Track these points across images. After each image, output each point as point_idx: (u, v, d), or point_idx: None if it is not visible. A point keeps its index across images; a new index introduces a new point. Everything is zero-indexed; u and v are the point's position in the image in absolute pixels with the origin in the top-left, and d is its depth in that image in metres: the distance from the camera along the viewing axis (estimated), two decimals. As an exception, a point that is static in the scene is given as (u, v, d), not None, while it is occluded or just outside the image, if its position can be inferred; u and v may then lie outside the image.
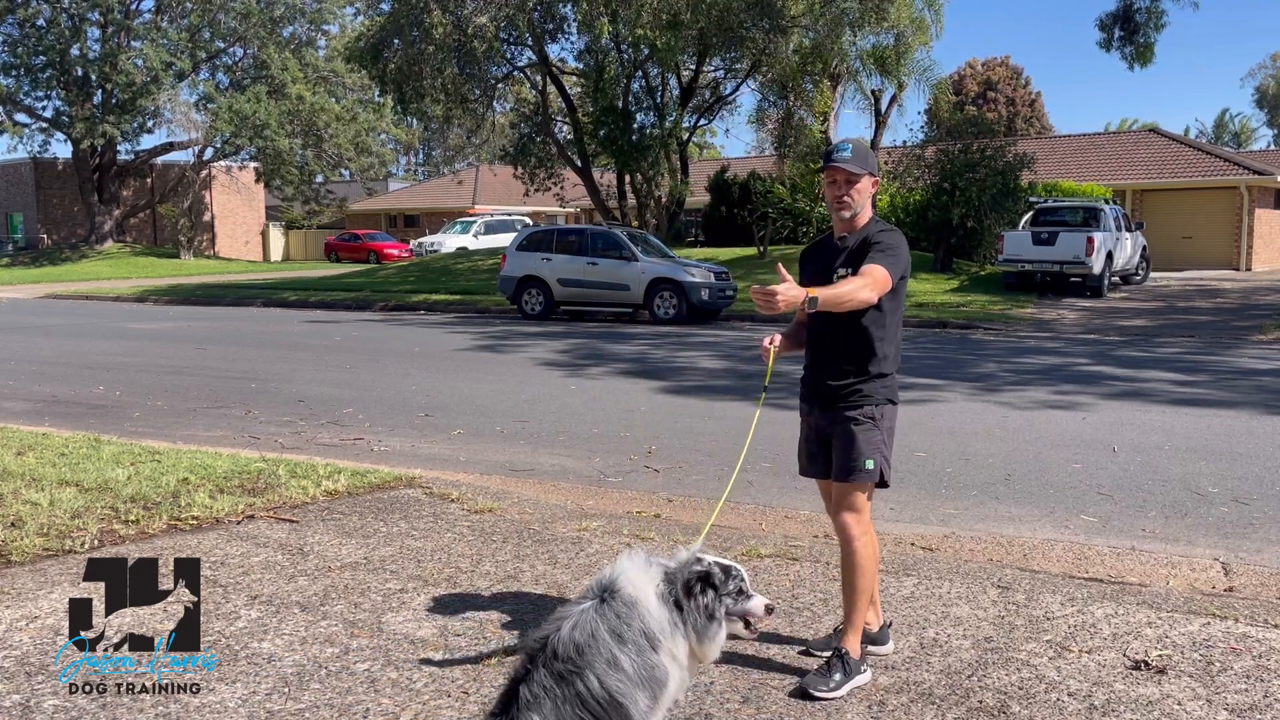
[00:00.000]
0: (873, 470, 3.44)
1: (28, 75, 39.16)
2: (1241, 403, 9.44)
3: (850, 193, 3.50)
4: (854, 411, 3.48)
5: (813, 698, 3.30)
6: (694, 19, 22.55)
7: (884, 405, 3.50)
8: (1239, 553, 5.11)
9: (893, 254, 3.43)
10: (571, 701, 2.48)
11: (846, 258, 3.52)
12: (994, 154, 23.59)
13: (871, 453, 3.45)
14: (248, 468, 6.38)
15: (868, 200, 3.55)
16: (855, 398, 3.48)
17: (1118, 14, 24.44)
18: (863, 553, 3.42)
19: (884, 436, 3.49)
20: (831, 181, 3.51)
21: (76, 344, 15.15)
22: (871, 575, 3.46)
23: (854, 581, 3.43)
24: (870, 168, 3.52)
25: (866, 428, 3.46)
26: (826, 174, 3.52)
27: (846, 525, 3.44)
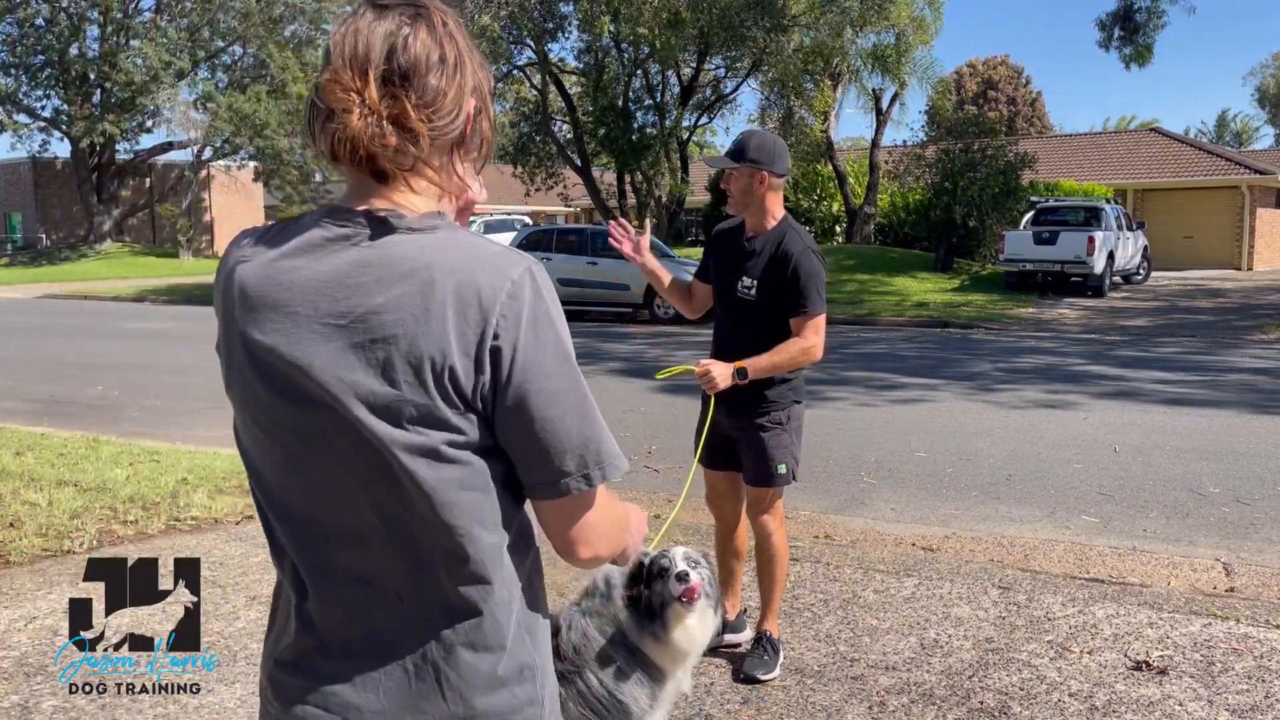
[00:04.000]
0: (785, 474, 3.49)
1: (27, 74, 39.15)
2: (1242, 403, 9.43)
3: (729, 187, 3.41)
4: (761, 419, 3.45)
5: (759, 681, 3.45)
6: (695, 17, 22.55)
7: (790, 407, 3.49)
8: (1240, 553, 5.10)
9: (820, 285, 3.36)
10: (574, 700, 2.50)
11: (755, 267, 3.39)
12: (995, 153, 23.59)
13: (783, 457, 3.48)
14: (247, 468, 6.36)
15: (769, 197, 3.40)
16: (763, 404, 3.44)
17: (1117, 14, 24.45)
18: (779, 546, 3.59)
19: (792, 438, 3.51)
20: (725, 178, 3.44)
21: (75, 344, 15.15)
22: (786, 564, 3.67)
23: (773, 571, 3.61)
24: (767, 161, 3.34)
25: (775, 433, 3.45)
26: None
27: (764, 524, 3.56)
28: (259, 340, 1.21)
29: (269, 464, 1.25)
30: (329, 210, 1.22)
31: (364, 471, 1.17)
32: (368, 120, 1.14)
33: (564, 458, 1.20)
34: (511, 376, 1.17)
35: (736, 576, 3.82)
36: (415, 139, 1.16)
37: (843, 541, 5.18)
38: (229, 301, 1.27)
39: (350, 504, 1.19)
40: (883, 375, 11.17)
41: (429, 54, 1.18)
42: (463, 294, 1.15)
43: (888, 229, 29.06)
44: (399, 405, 1.14)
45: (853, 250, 25.89)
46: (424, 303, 1.14)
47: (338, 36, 1.18)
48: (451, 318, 1.14)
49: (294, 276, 1.19)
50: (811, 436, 7.28)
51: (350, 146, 1.15)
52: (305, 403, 1.17)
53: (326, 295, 1.17)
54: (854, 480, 6.57)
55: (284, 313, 1.19)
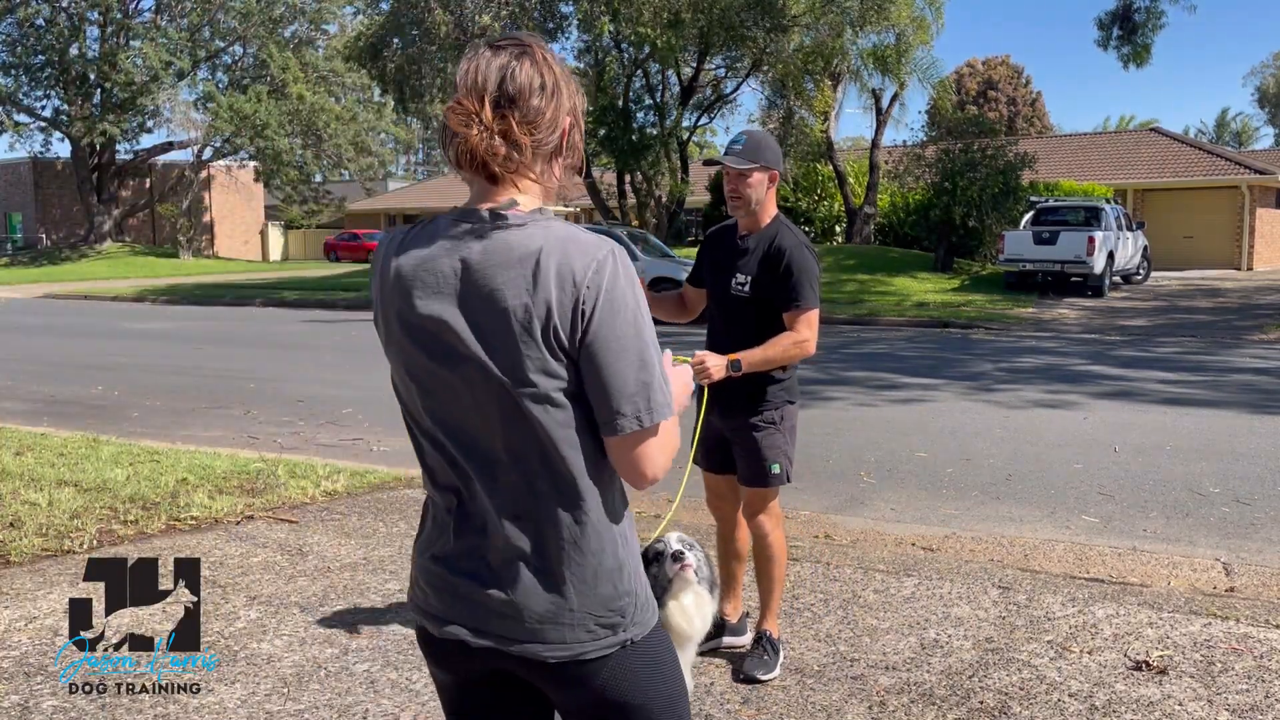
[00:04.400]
0: (779, 474, 3.48)
1: (27, 75, 39.15)
2: (1242, 402, 9.43)
3: (740, 188, 3.37)
4: (754, 418, 3.44)
5: (759, 681, 3.44)
6: (695, 17, 22.56)
7: (784, 407, 3.48)
8: (1240, 553, 5.10)
9: (813, 280, 3.36)
10: None
11: (749, 264, 3.40)
12: (995, 153, 23.58)
13: (777, 457, 3.47)
14: (247, 468, 6.37)
15: (766, 196, 3.42)
16: (756, 404, 3.44)
17: (1116, 13, 24.44)
18: (776, 546, 3.58)
19: (786, 438, 3.50)
20: (726, 176, 3.40)
21: (75, 344, 15.15)
22: (784, 564, 3.65)
23: (771, 571, 3.60)
24: (765, 160, 3.36)
25: (768, 433, 3.44)
26: (723, 169, 3.42)
27: (760, 524, 3.55)
28: (414, 313, 1.54)
29: (423, 408, 1.60)
30: (460, 212, 1.57)
31: (496, 412, 1.51)
32: (483, 135, 1.49)
33: (620, 401, 1.50)
34: (589, 332, 1.48)
35: (738, 578, 3.82)
36: (520, 149, 1.51)
37: (843, 541, 5.18)
38: (387, 284, 1.58)
39: (486, 438, 1.54)
40: (883, 375, 11.17)
41: (531, 81, 1.54)
42: (561, 272, 1.48)
43: (888, 229, 29.07)
44: (522, 360, 1.49)
45: (853, 250, 25.89)
46: (533, 280, 1.48)
47: (462, 70, 1.54)
48: (554, 291, 1.47)
49: (437, 264, 1.53)
50: (811, 436, 7.28)
51: (470, 156, 1.51)
52: (453, 360, 1.52)
53: (460, 278, 1.52)
54: (854, 480, 6.57)
55: (431, 291, 1.53)
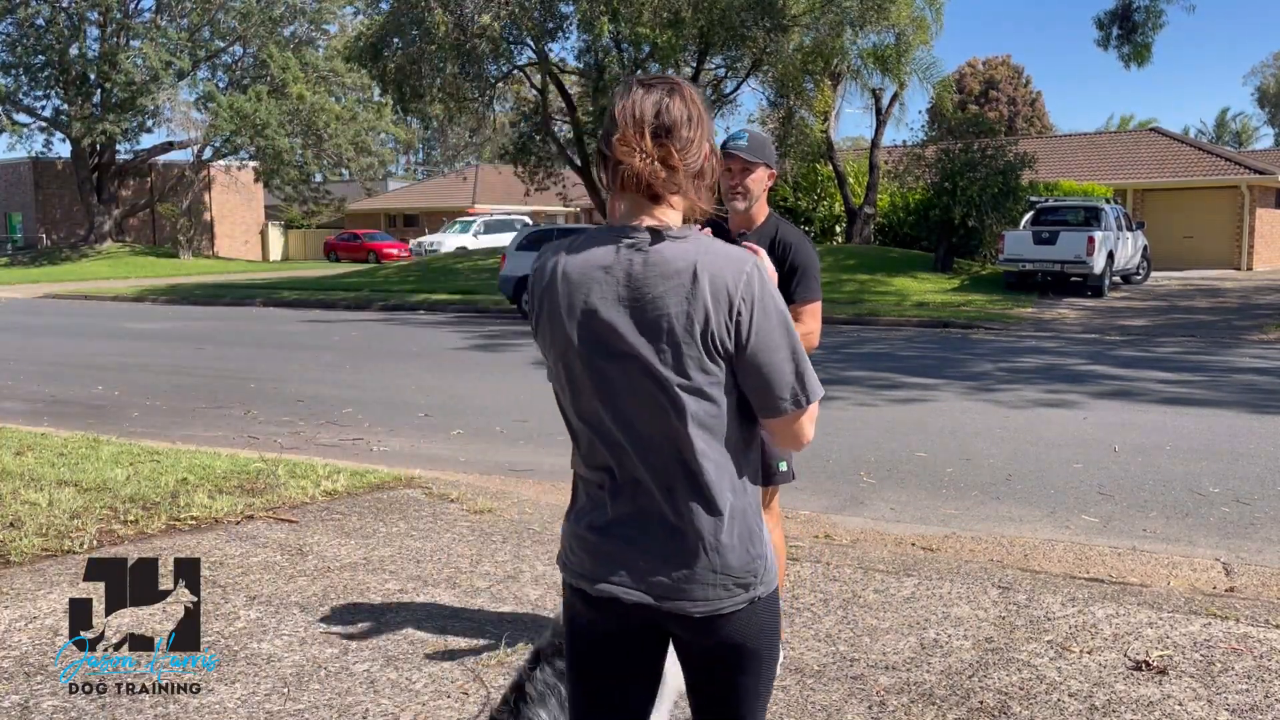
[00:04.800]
0: (786, 472, 3.48)
1: (27, 75, 39.13)
2: (1242, 402, 9.43)
3: (746, 182, 3.40)
4: None
5: None
6: (695, 17, 22.54)
7: None
8: (1240, 553, 5.10)
9: (817, 273, 3.42)
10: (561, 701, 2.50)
11: None
12: (995, 153, 23.57)
13: (784, 454, 3.48)
14: (247, 468, 6.37)
15: (762, 193, 3.47)
16: None
17: (1116, 12, 24.43)
18: (776, 545, 3.61)
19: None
20: (728, 170, 3.41)
21: (75, 344, 15.15)
22: (784, 563, 3.75)
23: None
24: (767, 159, 3.43)
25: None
26: (722, 162, 3.40)
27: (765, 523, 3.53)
28: (583, 314, 1.78)
29: (584, 397, 1.82)
30: (620, 228, 1.81)
31: (653, 402, 1.76)
32: (645, 161, 1.75)
33: (782, 389, 1.79)
34: (749, 337, 1.75)
35: None
36: (675, 173, 1.77)
37: (843, 541, 5.18)
38: (554, 286, 1.81)
39: (642, 423, 1.78)
40: (883, 375, 11.17)
41: (682, 115, 1.79)
42: (715, 283, 1.73)
43: (887, 229, 29.06)
44: (682, 359, 1.73)
45: (852, 250, 25.89)
46: (692, 289, 1.73)
47: (621, 106, 1.79)
48: (709, 299, 1.72)
49: (601, 274, 1.78)
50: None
51: (635, 179, 1.76)
52: (616, 356, 1.76)
53: (624, 286, 1.76)
54: (854, 480, 6.57)
55: (596, 295, 1.77)
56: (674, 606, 1.79)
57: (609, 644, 1.91)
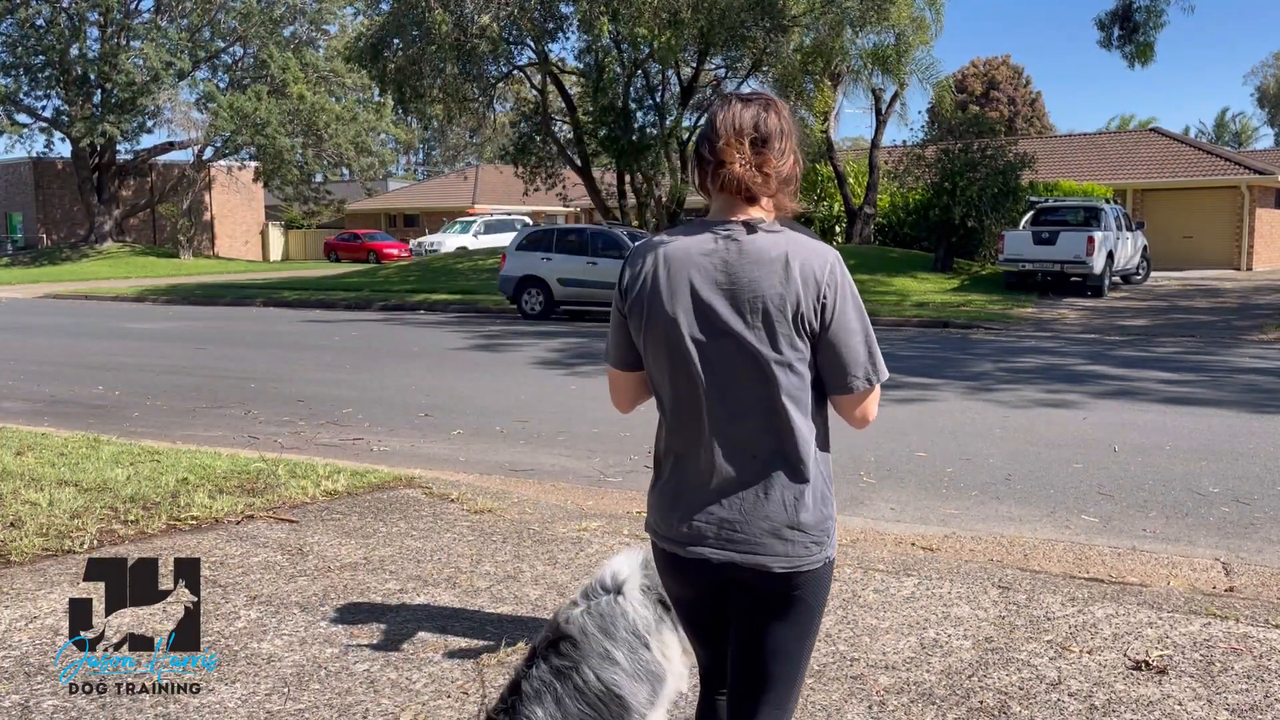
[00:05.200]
0: None
1: (27, 75, 39.12)
2: (1242, 402, 9.43)
3: None
4: None
5: None
6: (695, 17, 22.54)
7: None
8: (1240, 553, 5.10)
9: None
10: (571, 696, 2.52)
11: None
12: (994, 153, 23.57)
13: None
14: (247, 468, 6.37)
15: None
16: None
17: (1116, 13, 24.43)
18: None
19: None
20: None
21: (75, 344, 15.15)
22: None
23: None
24: None
25: None
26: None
27: None
28: (686, 297, 2.01)
29: (681, 372, 2.03)
30: (716, 221, 2.06)
31: (748, 376, 1.99)
32: (745, 167, 2.01)
33: (856, 368, 2.02)
34: (831, 319, 1.99)
35: None
36: (768, 178, 2.03)
37: (842, 541, 5.18)
38: (656, 273, 2.04)
39: (734, 395, 2.00)
40: (883, 375, 11.16)
41: (775, 128, 2.04)
42: (804, 270, 1.98)
43: (887, 229, 29.07)
44: (774, 336, 1.97)
45: (853, 250, 25.89)
46: (784, 276, 1.97)
47: (722, 117, 2.03)
48: (799, 284, 1.97)
49: (701, 260, 2.02)
50: (811, 436, 7.28)
51: (736, 182, 2.02)
52: (715, 333, 1.99)
53: (721, 272, 2.00)
54: (854, 480, 6.57)
55: (697, 280, 2.01)
56: (757, 563, 2.01)
57: (700, 599, 2.16)
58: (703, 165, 2.06)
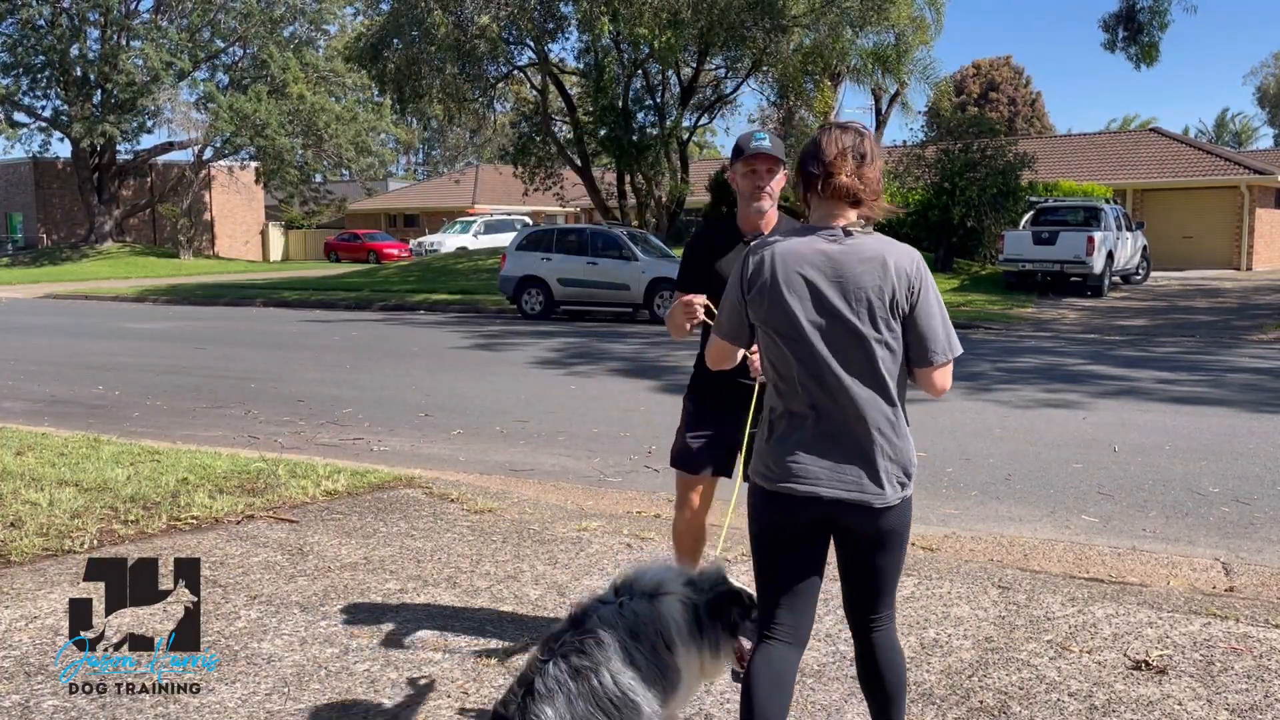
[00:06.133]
0: None
1: (27, 75, 39.12)
2: (1242, 402, 9.43)
3: (772, 183, 3.38)
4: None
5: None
6: (695, 18, 22.54)
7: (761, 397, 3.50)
8: (1240, 553, 5.10)
9: None
10: (585, 697, 2.48)
11: None
12: (994, 153, 23.57)
13: None
14: (247, 468, 6.37)
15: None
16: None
17: (1120, 14, 24.42)
18: None
19: None
20: (752, 171, 3.36)
21: (76, 344, 15.15)
22: None
23: None
24: (785, 162, 3.40)
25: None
26: (745, 164, 3.36)
27: None
28: (798, 286, 2.47)
29: (800, 350, 2.47)
30: (820, 226, 2.53)
31: (854, 352, 2.45)
32: (851, 179, 2.48)
33: (936, 345, 2.49)
34: (916, 305, 2.46)
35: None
36: (867, 188, 2.51)
37: (842, 541, 5.18)
38: (775, 269, 2.49)
39: (842, 366, 2.45)
40: (883, 375, 11.16)
41: (870, 149, 2.52)
42: (898, 266, 2.45)
43: (887, 229, 28.82)
44: (874, 318, 2.44)
45: (853, 250, 25.86)
46: (882, 271, 2.44)
47: (827, 140, 2.52)
48: (894, 278, 2.44)
49: (814, 258, 2.48)
50: (811, 436, 7.29)
51: (845, 191, 2.49)
52: (826, 316, 2.45)
53: (829, 267, 2.46)
54: (854, 480, 6.56)
55: (810, 272, 2.47)
56: (862, 499, 2.46)
57: (801, 534, 2.55)
58: (810, 179, 2.52)
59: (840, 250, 2.47)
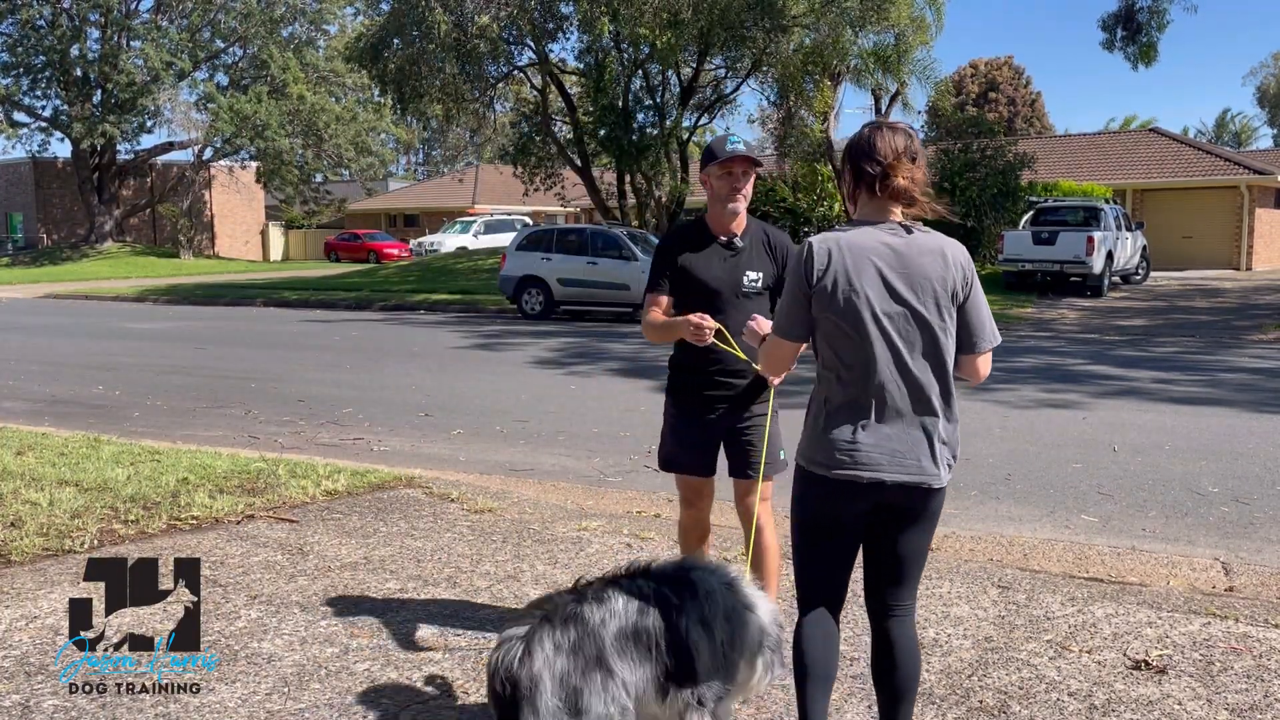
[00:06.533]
0: (785, 460, 3.54)
1: (27, 75, 39.12)
2: (1241, 402, 9.43)
3: (747, 185, 3.50)
4: (759, 408, 3.57)
5: None
6: (695, 18, 22.53)
7: (771, 396, 3.55)
8: (1239, 552, 5.11)
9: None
10: (637, 611, 2.64)
11: (753, 261, 3.54)
12: (994, 153, 23.58)
13: (782, 443, 3.58)
14: (247, 467, 6.37)
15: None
16: (757, 394, 3.57)
17: (1119, 14, 24.43)
18: (772, 538, 3.66)
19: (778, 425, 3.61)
20: (729, 173, 3.47)
21: (76, 344, 15.15)
22: (778, 564, 3.69)
23: (770, 563, 3.65)
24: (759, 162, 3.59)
25: (772, 420, 3.54)
26: (722, 167, 3.47)
27: (762, 515, 3.60)
28: (865, 280, 2.56)
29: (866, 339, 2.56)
30: (876, 221, 2.62)
31: (922, 340, 2.58)
32: (906, 179, 2.59)
33: (984, 333, 2.66)
34: (970, 295, 2.63)
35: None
36: (918, 187, 2.61)
37: (842, 541, 5.18)
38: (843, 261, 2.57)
39: (909, 353, 2.57)
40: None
41: (919, 148, 2.64)
42: (955, 258, 2.62)
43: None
44: (938, 307, 2.58)
45: (853, 250, 25.85)
46: (944, 263, 2.60)
47: (882, 142, 2.60)
48: (953, 269, 2.60)
49: (880, 250, 2.58)
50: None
51: (903, 191, 2.60)
52: (897, 305, 2.56)
53: (895, 259, 2.58)
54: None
55: (880, 264, 2.57)
56: (921, 481, 2.57)
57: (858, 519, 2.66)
58: (864, 178, 2.62)
59: (904, 243, 2.58)
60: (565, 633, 2.52)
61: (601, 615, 2.57)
